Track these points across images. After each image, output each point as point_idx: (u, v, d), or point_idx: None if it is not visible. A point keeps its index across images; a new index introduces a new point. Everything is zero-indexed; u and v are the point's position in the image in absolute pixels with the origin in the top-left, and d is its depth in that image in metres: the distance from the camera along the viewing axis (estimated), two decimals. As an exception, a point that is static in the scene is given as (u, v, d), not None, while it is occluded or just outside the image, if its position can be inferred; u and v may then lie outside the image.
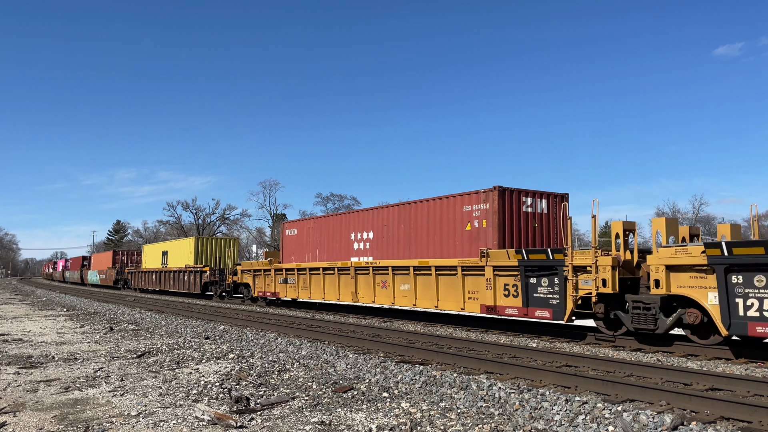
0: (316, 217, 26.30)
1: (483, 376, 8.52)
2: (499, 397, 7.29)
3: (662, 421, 6.01)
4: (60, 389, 8.15)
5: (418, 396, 7.63)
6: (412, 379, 8.54)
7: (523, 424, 6.23)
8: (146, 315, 20.88)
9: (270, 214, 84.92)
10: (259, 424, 6.32)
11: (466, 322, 17.93)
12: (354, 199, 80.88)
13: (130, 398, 7.55)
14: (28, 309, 25.78)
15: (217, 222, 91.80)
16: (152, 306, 25.80)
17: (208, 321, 18.39)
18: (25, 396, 7.73)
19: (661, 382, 8.18)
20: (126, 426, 6.23)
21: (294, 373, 9.31)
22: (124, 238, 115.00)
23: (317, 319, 18.94)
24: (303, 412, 6.78)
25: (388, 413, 6.73)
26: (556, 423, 6.23)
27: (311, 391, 7.91)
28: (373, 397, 7.54)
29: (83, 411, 6.91)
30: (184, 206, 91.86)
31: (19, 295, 40.86)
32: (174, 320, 18.59)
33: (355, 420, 6.45)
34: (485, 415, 6.62)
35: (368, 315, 21.28)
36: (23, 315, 22.22)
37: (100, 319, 19.98)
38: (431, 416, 6.56)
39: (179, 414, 6.70)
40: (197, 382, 8.52)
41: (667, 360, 10.85)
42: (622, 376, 8.65)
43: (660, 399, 6.93)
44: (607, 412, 6.46)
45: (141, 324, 17.73)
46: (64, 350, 12.13)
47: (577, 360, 9.83)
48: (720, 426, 5.94)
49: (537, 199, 17.11)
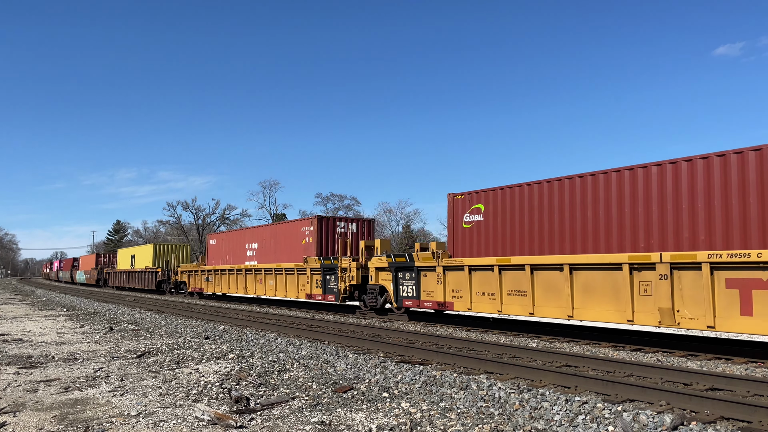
0: (227, 232, 34.80)
1: (483, 376, 8.52)
2: (499, 397, 7.29)
3: (662, 421, 6.01)
4: (60, 389, 8.15)
5: (418, 396, 7.63)
6: (412, 379, 8.54)
7: (523, 424, 6.23)
8: (146, 315, 20.88)
9: (270, 214, 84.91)
10: (259, 424, 6.32)
11: (300, 305, 28.21)
12: (354, 199, 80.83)
13: (130, 398, 7.55)
14: (27, 309, 25.78)
15: (217, 222, 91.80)
16: (152, 306, 25.80)
17: (208, 321, 18.40)
18: (25, 396, 7.73)
19: (661, 382, 8.19)
20: (126, 426, 6.23)
21: (294, 373, 9.31)
22: (124, 238, 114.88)
23: (317, 319, 18.95)
24: (303, 412, 6.78)
25: (388, 413, 6.73)
26: (556, 423, 6.23)
27: (311, 391, 7.91)
28: (373, 397, 7.54)
29: (83, 411, 6.91)
30: (184, 206, 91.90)
31: (19, 295, 40.87)
32: (174, 320, 18.59)
33: (355, 420, 6.45)
34: (485, 415, 6.62)
35: (369, 316, 21.29)
36: (23, 315, 22.22)
37: (100, 319, 19.98)
38: (431, 416, 6.56)
39: (179, 414, 6.70)
40: (197, 382, 8.52)
41: (667, 360, 10.85)
42: (622, 376, 8.65)
43: (660, 399, 6.93)
44: (607, 412, 6.46)
45: (141, 324, 17.73)
46: (64, 350, 12.13)
47: (577, 360, 9.84)
48: (720, 426, 5.94)
49: (348, 223, 25.11)
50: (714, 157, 11.47)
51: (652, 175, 12.36)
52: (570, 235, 13.81)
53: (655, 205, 12.23)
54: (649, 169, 12.46)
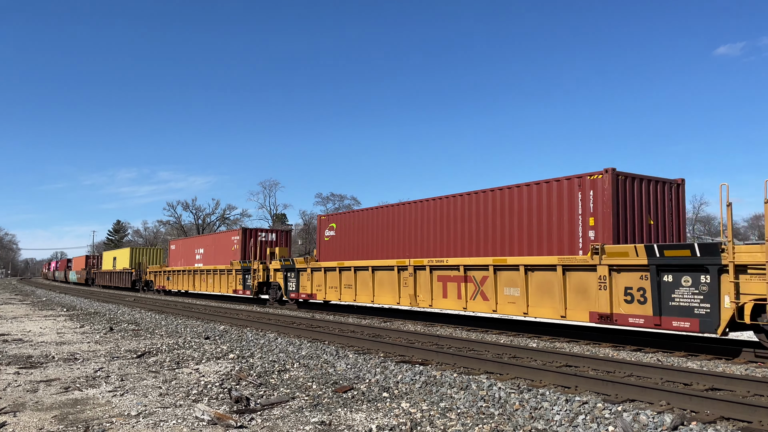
0: (183, 239, 43.16)
1: (483, 376, 8.52)
2: (499, 397, 7.29)
3: (662, 421, 6.01)
4: (60, 389, 8.15)
5: (418, 396, 7.63)
6: (412, 379, 8.54)
7: (523, 424, 6.23)
8: (146, 315, 20.88)
9: (270, 214, 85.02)
10: (259, 424, 6.32)
11: (231, 299, 32.38)
12: (354, 199, 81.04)
13: (130, 398, 7.55)
14: (28, 309, 25.78)
15: (217, 222, 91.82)
16: (152, 306, 25.80)
17: (208, 321, 18.40)
18: (25, 396, 7.73)
19: (661, 382, 8.18)
20: (126, 426, 6.23)
21: (294, 373, 9.31)
22: (124, 238, 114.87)
23: (317, 319, 18.95)
24: (303, 412, 6.78)
25: (388, 413, 6.72)
26: (556, 423, 6.23)
27: (311, 391, 7.91)
28: (373, 397, 7.54)
29: (83, 411, 6.91)
30: (184, 206, 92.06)
31: (19, 295, 40.87)
32: (174, 320, 18.59)
33: (355, 420, 6.45)
34: (485, 415, 6.62)
35: (368, 315, 21.29)
36: (23, 315, 22.22)
37: (100, 319, 19.98)
38: (431, 416, 6.55)
39: (179, 414, 6.70)
40: (197, 382, 8.52)
41: (667, 360, 10.85)
42: (622, 376, 8.65)
43: (660, 399, 6.93)
44: (607, 412, 6.46)
45: (141, 324, 17.73)
46: (64, 350, 12.13)
47: (577, 360, 9.83)
48: (720, 426, 5.94)
49: (268, 233, 32.10)
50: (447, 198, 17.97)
51: (413, 207, 19.24)
52: (377, 247, 20.60)
53: (412, 228, 19.07)
54: (401, 207, 19.93)
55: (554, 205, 14.47)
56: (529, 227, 15.05)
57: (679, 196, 14.88)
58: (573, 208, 14.07)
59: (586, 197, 13.79)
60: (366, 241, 21.07)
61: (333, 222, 23.23)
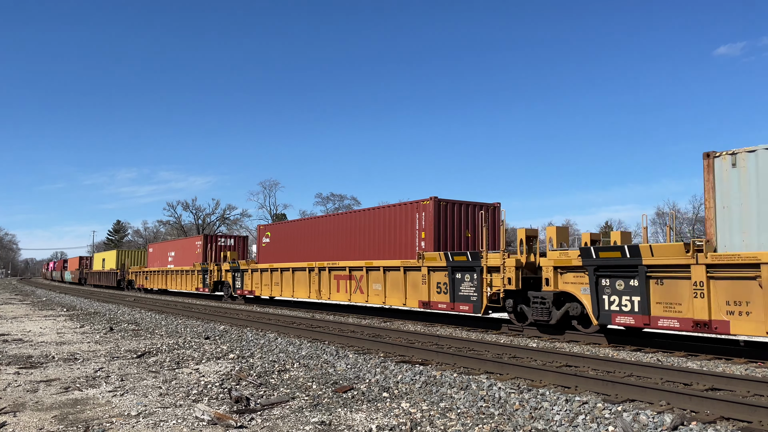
0: (158, 243, 48.65)
1: (483, 376, 8.52)
2: (499, 397, 7.29)
3: (662, 421, 6.01)
4: (60, 389, 8.15)
5: (418, 396, 7.63)
6: (412, 379, 8.54)
7: (523, 424, 6.23)
8: (146, 315, 20.88)
9: (270, 214, 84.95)
10: (259, 424, 6.32)
11: (195, 296, 38.90)
12: (354, 199, 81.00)
13: (130, 398, 7.56)
14: (28, 309, 25.78)
15: (217, 222, 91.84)
16: (152, 306, 25.81)
17: (208, 321, 18.39)
18: (25, 396, 7.74)
19: (661, 382, 8.18)
20: (126, 426, 6.23)
21: (294, 373, 9.31)
22: (124, 238, 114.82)
23: (317, 319, 18.97)
24: (303, 412, 6.78)
25: (388, 413, 6.73)
26: (556, 423, 6.23)
27: (311, 391, 7.91)
28: (373, 397, 7.54)
29: (83, 411, 6.91)
30: (184, 206, 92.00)
31: (19, 295, 40.88)
32: (174, 320, 18.59)
33: (355, 420, 6.45)
34: (485, 415, 6.62)
35: (368, 315, 21.30)
36: (23, 315, 22.23)
37: (100, 319, 19.99)
38: (431, 416, 6.56)
39: (179, 414, 6.70)
40: (197, 382, 8.52)
41: (667, 360, 10.86)
42: (622, 376, 8.65)
43: (660, 399, 6.93)
44: (607, 412, 6.46)
45: (141, 324, 17.73)
46: (64, 350, 12.13)
47: (577, 360, 9.84)
48: (720, 426, 5.94)
49: (228, 239, 36.65)
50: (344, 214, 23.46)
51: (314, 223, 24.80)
52: (297, 252, 24.81)
53: (319, 237, 23.59)
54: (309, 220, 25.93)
55: (403, 223, 19.21)
56: (388, 238, 19.79)
57: (495, 216, 19.26)
58: (413, 225, 18.77)
59: (421, 217, 18.55)
60: (290, 247, 25.64)
61: (268, 231, 28.13)
